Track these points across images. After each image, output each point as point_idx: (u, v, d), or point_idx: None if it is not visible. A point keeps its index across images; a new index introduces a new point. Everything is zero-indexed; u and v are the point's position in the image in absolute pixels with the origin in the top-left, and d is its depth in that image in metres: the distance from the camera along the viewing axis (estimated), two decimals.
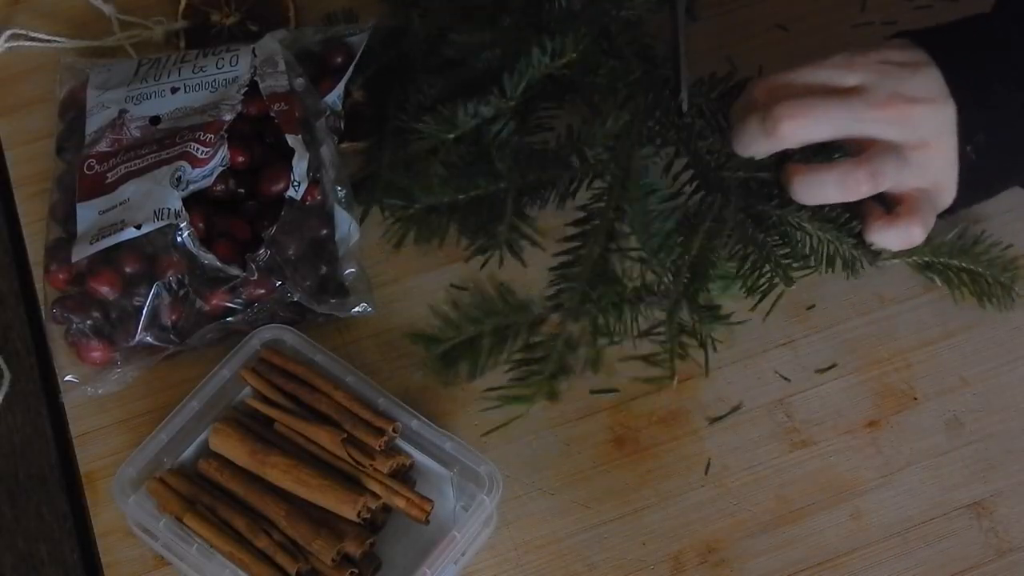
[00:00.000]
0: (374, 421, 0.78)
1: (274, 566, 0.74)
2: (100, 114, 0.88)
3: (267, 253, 0.82)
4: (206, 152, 0.84)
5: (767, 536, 0.79)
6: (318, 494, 0.76)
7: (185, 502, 0.76)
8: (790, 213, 0.82)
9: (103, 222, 0.82)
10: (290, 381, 0.81)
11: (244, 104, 0.87)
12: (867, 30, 0.99)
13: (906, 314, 0.87)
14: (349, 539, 0.75)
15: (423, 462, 0.79)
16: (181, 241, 0.81)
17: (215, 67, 0.89)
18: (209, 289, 0.82)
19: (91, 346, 0.82)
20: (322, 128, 0.88)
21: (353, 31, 0.93)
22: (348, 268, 0.86)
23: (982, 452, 0.82)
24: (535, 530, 0.79)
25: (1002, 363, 0.85)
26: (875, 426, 0.83)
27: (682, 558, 0.79)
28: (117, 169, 0.85)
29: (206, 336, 0.83)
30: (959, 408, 0.83)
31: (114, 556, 0.79)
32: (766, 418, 0.83)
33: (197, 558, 0.74)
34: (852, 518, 0.80)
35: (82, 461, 0.82)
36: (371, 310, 0.85)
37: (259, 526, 0.75)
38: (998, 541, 0.79)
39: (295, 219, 0.84)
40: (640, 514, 0.80)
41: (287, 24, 0.98)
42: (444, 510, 0.78)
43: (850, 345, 0.85)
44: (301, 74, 0.89)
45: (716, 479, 0.81)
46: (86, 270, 0.82)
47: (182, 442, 0.79)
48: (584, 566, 0.78)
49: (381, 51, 0.93)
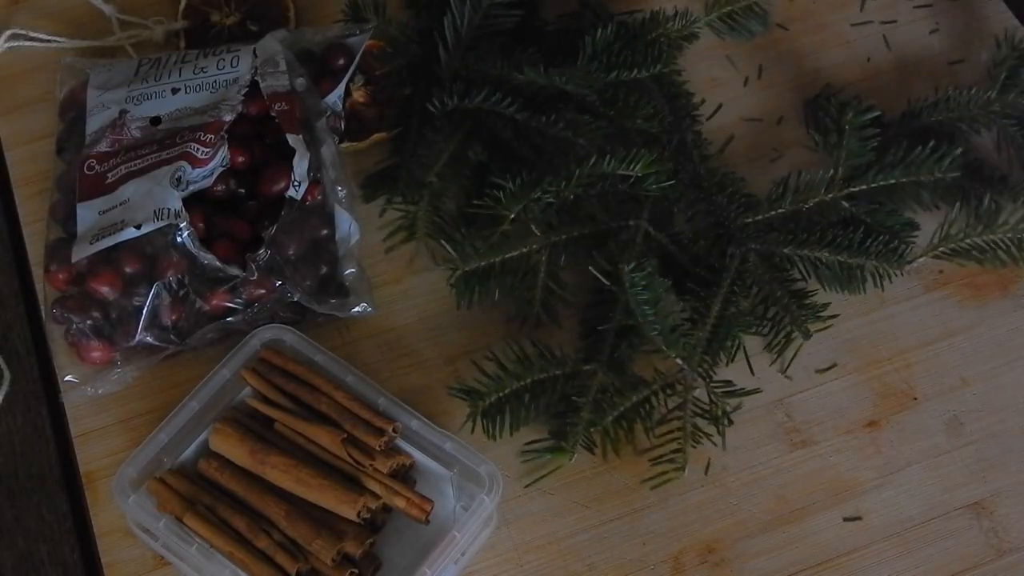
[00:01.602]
0: (374, 421, 0.78)
1: (274, 566, 0.74)
2: (100, 114, 0.88)
3: (267, 253, 0.82)
4: (206, 152, 0.84)
5: (767, 536, 0.79)
6: (318, 494, 0.76)
7: (185, 502, 0.76)
8: (806, 249, 0.84)
9: (103, 222, 0.82)
10: (290, 381, 0.81)
11: (245, 104, 0.87)
12: (866, 29, 0.99)
13: (906, 314, 0.87)
14: (349, 539, 0.75)
15: (423, 462, 0.79)
16: (181, 241, 0.81)
17: (216, 67, 0.89)
18: (209, 289, 0.82)
19: (91, 346, 0.82)
20: (323, 128, 0.88)
21: (353, 32, 0.93)
22: (348, 268, 0.86)
23: (982, 452, 0.82)
24: (535, 530, 0.79)
25: (1002, 363, 0.85)
26: (875, 426, 0.83)
27: (682, 558, 0.79)
28: (117, 169, 0.85)
29: (206, 336, 0.83)
30: (959, 408, 0.83)
31: (114, 556, 0.79)
32: (766, 418, 0.83)
33: (197, 558, 0.74)
34: (852, 518, 0.80)
35: (82, 461, 0.82)
36: (371, 310, 0.85)
37: (259, 526, 0.75)
38: (998, 541, 0.79)
39: (295, 219, 0.84)
40: (640, 514, 0.80)
41: (287, 24, 0.98)
42: (444, 510, 0.78)
43: (850, 345, 0.85)
44: (302, 74, 0.89)
45: (716, 479, 0.81)
46: (86, 270, 0.82)
47: (182, 442, 0.79)
48: (584, 566, 0.78)
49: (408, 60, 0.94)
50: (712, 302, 0.82)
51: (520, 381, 0.81)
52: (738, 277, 0.84)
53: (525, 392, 0.81)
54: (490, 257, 0.84)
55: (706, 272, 0.84)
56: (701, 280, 0.84)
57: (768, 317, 0.84)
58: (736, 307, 0.83)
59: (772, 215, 0.86)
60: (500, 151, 0.88)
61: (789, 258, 0.85)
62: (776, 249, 0.85)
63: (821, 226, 0.85)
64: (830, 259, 0.84)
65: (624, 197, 0.86)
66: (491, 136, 0.88)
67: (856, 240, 0.84)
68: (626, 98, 0.88)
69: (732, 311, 0.83)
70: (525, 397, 0.81)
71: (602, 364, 0.81)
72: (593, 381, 0.81)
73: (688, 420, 0.80)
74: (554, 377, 0.81)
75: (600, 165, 0.82)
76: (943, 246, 0.84)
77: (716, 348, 0.82)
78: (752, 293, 0.84)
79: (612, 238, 0.86)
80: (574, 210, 0.86)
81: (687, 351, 0.79)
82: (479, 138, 0.89)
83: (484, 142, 0.89)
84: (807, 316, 0.84)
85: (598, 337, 0.83)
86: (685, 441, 0.80)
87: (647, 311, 0.77)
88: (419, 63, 0.92)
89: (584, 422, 0.80)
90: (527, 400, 0.81)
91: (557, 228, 0.85)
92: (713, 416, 0.81)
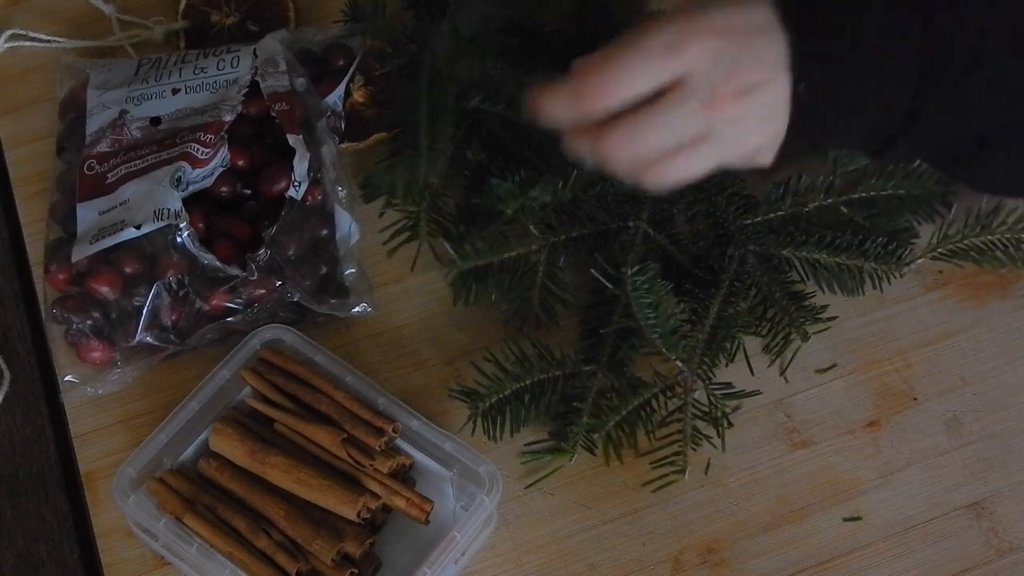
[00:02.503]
0: (374, 421, 0.78)
1: (274, 566, 0.74)
2: (101, 114, 0.88)
3: (267, 253, 0.82)
4: (206, 152, 0.84)
5: (767, 536, 0.79)
6: (318, 494, 0.76)
7: (185, 502, 0.76)
8: (805, 250, 0.84)
9: (103, 222, 0.82)
10: (290, 381, 0.81)
11: (245, 104, 0.87)
12: None
13: (906, 314, 0.87)
14: (349, 539, 0.75)
15: (423, 462, 0.79)
16: (181, 241, 0.81)
17: (216, 68, 0.89)
18: (209, 289, 0.82)
19: (91, 346, 0.82)
20: (323, 128, 0.88)
21: (354, 32, 0.93)
22: (348, 268, 0.86)
23: (982, 452, 0.82)
24: (535, 530, 0.79)
25: (1002, 363, 0.85)
26: (875, 426, 0.83)
27: (682, 558, 0.79)
28: (117, 169, 0.85)
29: (206, 336, 0.83)
30: (959, 408, 0.83)
31: (114, 556, 0.79)
32: (766, 418, 0.83)
33: (197, 558, 0.74)
34: (852, 518, 0.80)
35: (82, 461, 0.82)
36: (371, 310, 0.85)
37: (259, 526, 0.75)
38: (998, 541, 0.79)
39: (295, 219, 0.84)
40: (640, 514, 0.80)
41: (287, 24, 0.98)
42: (444, 510, 0.78)
43: (850, 345, 0.85)
44: (302, 74, 0.89)
45: (716, 479, 0.81)
46: (86, 270, 0.82)
47: (182, 442, 0.79)
48: (584, 566, 0.78)
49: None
50: (711, 303, 0.82)
51: (520, 382, 0.81)
52: (737, 278, 0.84)
53: (525, 393, 0.81)
54: (489, 257, 0.84)
55: (705, 273, 0.84)
56: (700, 281, 0.84)
57: (767, 318, 0.84)
58: (735, 308, 0.83)
59: (772, 217, 0.86)
60: (500, 151, 0.88)
61: (788, 260, 0.85)
62: (775, 251, 0.85)
63: (820, 229, 0.86)
64: (829, 261, 0.84)
65: (623, 198, 0.86)
66: (490, 136, 0.88)
67: (855, 243, 0.84)
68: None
69: (731, 312, 0.83)
70: (525, 398, 0.81)
71: (602, 365, 0.81)
72: (593, 383, 0.81)
73: (688, 423, 0.80)
74: (554, 378, 0.81)
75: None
76: (941, 247, 0.85)
77: (715, 349, 0.82)
78: (751, 294, 0.84)
79: (612, 238, 0.86)
80: (573, 211, 0.86)
81: (687, 354, 0.79)
82: (479, 138, 0.89)
83: (484, 142, 0.89)
84: (805, 318, 0.84)
85: (598, 339, 0.83)
86: (686, 444, 0.80)
87: (648, 314, 0.77)
88: (419, 63, 0.92)
89: (584, 426, 0.80)
90: (527, 401, 0.81)
91: (556, 228, 0.85)
92: (712, 418, 0.81)
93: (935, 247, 0.85)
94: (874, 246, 0.84)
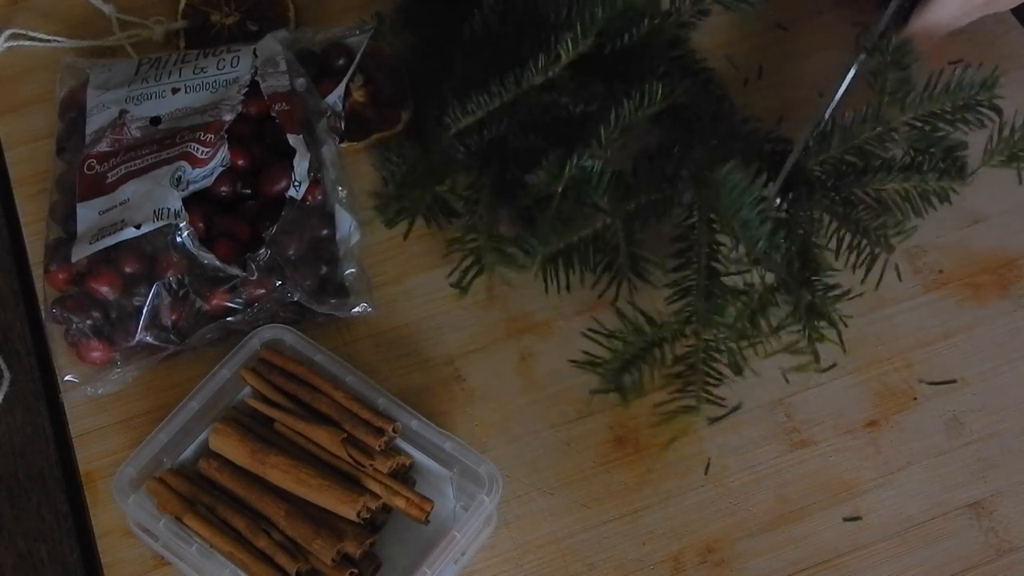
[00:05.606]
0: (374, 421, 0.78)
1: (274, 566, 0.74)
2: (100, 114, 0.88)
3: (267, 253, 0.82)
4: (206, 152, 0.84)
5: (767, 536, 0.79)
6: (318, 494, 0.76)
7: (185, 502, 0.76)
8: (869, 183, 0.84)
9: (103, 222, 0.82)
10: (290, 381, 0.81)
11: (245, 104, 0.87)
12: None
13: (906, 314, 0.87)
14: (349, 539, 0.75)
15: (423, 462, 0.79)
16: (181, 241, 0.81)
17: (216, 68, 0.89)
18: (209, 289, 0.82)
19: (91, 346, 0.82)
20: (323, 128, 0.88)
21: (353, 32, 0.93)
22: (348, 268, 0.86)
23: (982, 452, 0.82)
24: (535, 530, 0.79)
25: (1002, 363, 0.85)
26: (875, 426, 0.83)
27: (682, 558, 0.79)
28: (117, 169, 0.85)
29: (206, 336, 0.83)
30: (959, 408, 0.83)
31: (114, 556, 0.79)
32: (766, 418, 0.83)
33: (197, 558, 0.74)
34: (852, 518, 0.80)
35: (82, 461, 0.82)
36: (371, 310, 0.85)
37: (259, 526, 0.75)
38: (998, 541, 0.79)
39: (296, 219, 0.84)
40: (640, 514, 0.80)
41: (287, 24, 0.98)
42: (444, 510, 0.78)
43: (850, 345, 0.85)
44: (303, 74, 0.89)
45: (716, 479, 0.81)
46: (86, 270, 0.82)
47: (182, 442, 0.79)
48: (584, 566, 0.78)
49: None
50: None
51: (633, 346, 0.81)
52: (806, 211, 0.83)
53: (641, 358, 0.81)
54: (568, 238, 0.84)
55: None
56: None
57: (852, 245, 0.83)
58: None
59: (823, 159, 0.85)
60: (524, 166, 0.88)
61: (853, 192, 0.84)
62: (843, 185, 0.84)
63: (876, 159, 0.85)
64: (896, 185, 0.84)
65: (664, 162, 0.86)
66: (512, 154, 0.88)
67: (914, 163, 0.83)
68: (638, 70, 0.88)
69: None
70: (643, 361, 0.81)
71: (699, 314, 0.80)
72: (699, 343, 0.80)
73: (802, 311, 0.80)
74: (660, 340, 0.81)
75: (623, 115, 0.83)
76: (998, 154, 0.83)
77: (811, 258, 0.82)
78: (826, 225, 0.84)
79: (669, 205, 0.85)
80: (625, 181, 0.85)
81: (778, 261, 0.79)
82: (498, 161, 0.88)
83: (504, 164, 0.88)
84: (883, 233, 0.82)
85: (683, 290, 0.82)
86: (809, 328, 0.80)
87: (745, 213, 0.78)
88: (422, 80, 0.92)
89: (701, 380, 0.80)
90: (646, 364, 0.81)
91: (624, 198, 0.84)
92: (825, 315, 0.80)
93: (992, 154, 0.83)
94: (932, 164, 0.83)
